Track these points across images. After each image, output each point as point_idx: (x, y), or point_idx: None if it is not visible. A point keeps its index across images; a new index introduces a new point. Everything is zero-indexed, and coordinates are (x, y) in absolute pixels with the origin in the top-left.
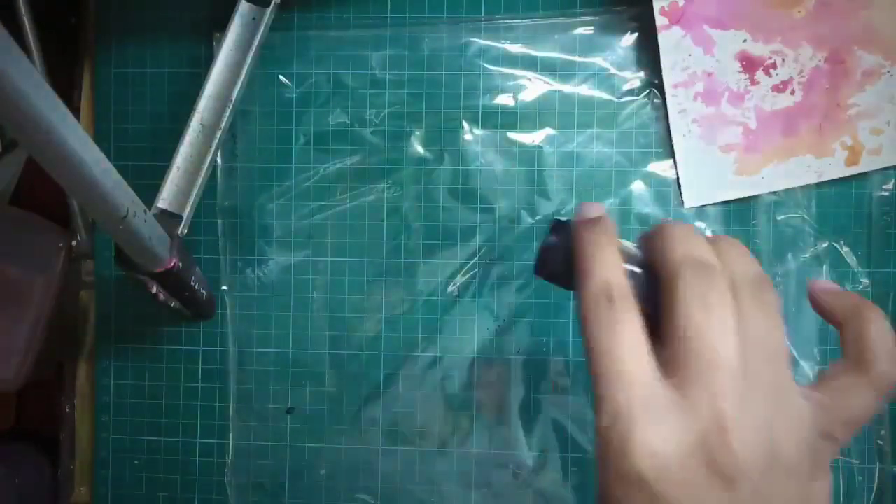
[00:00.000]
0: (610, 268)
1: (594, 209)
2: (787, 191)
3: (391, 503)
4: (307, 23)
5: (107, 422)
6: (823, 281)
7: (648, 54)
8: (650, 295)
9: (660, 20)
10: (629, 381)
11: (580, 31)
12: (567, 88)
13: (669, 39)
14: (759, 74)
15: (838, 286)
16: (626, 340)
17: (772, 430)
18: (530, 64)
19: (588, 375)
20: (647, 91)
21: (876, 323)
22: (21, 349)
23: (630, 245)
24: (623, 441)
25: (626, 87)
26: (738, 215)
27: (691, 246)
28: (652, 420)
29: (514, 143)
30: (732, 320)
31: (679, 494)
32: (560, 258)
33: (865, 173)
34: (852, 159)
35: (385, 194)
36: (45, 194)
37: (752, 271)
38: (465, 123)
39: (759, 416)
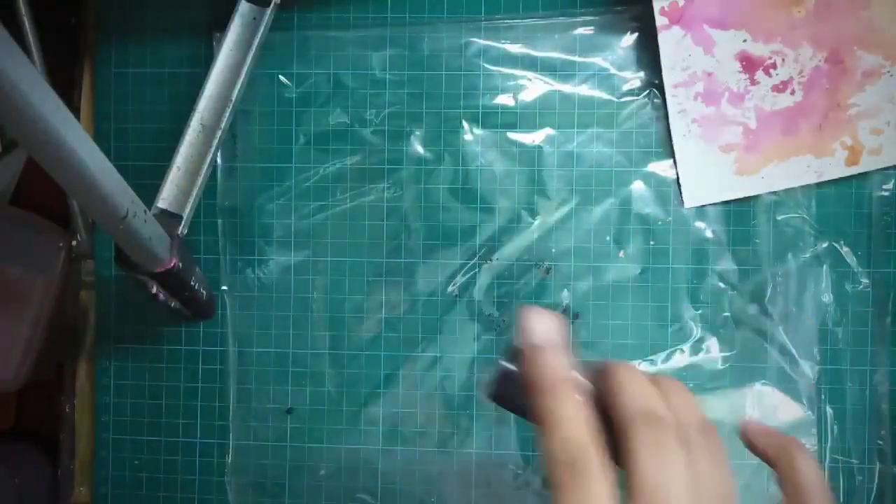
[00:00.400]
0: (572, 424)
1: (541, 327)
2: (787, 191)
3: (391, 503)
4: (307, 23)
5: (107, 422)
6: (752, 422)
7: (648, 54)
8: (605, 423)
9: (660, 20)
10: None
11: (580, 31)
12: (567, 88)
13: (669, 39)
14: (759, 74)
15: (767, 427)
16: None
17: None
18: (530, 64)
19: None
20: (647, 91)
21: (804, 462)
22: (21, 349)
23: (580, 377)
24: None
25: (626, 87)
26: (738, 215)
27: (641, 395)
28: None
29: (514, 143)
30: (686, 472)
31: None
32: (518, 390)
33: (865, 173)
34: (852, 159)
35: (385, 194)
36: (45, 194)
37: (697, 418)
38: (465, 123)
39: None
